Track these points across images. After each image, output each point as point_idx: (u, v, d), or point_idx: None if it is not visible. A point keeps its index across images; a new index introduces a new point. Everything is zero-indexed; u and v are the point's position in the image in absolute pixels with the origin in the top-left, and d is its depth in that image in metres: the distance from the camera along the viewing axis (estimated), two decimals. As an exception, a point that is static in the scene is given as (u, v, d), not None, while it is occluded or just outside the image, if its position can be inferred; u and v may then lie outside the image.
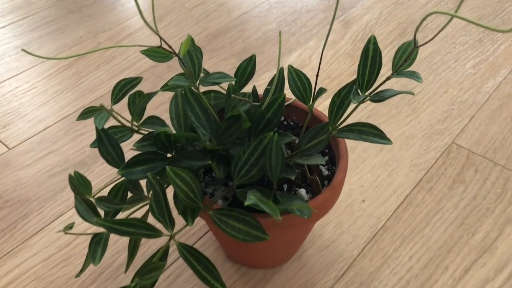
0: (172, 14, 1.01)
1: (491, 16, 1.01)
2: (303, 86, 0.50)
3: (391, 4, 1.04)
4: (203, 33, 0.95)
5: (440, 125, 0.77)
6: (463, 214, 0.65)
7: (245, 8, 1.03)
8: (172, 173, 0.43)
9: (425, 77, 0.86)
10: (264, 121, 0.49)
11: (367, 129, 0.47)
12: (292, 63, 0.89)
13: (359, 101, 0.43)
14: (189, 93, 0.48)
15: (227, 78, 0.45)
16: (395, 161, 0.71)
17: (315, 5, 1.04)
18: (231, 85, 0.51)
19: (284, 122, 0.59)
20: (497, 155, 0.72)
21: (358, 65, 0.46)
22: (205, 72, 0.56)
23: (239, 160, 0.46)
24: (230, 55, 0.91)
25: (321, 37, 0.95)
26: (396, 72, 0.44)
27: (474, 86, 0.84)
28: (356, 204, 0.66)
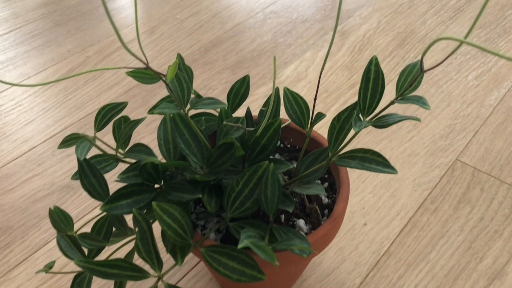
0: (164, 25, 0.98)
1: (492, 24, 0.98)
2: (300, 109, 0.47)
3: (389, 13, 1.01)
4: (196, 46, 0.92)
5: (443, 141, 0.74)
6: (470, 237, 0.61)
7: (239, 18, 1.00)
8: (159, 209, 0.39)
9: (426, 89, 0.83)
10: (259, 147, 0.46)
11: (370, 156, 0.43)
12: (288, 76, 0.86)
13: (361, 128, 0.40)
14: (178, 119, 0.45)
15: (218, 104, 0.42)
16: (398, 180, 0.68)
17: (311, 15, 1.01)
18: (223, 109, 0.47)
19: (280, 144, 0.56)
20: (503, 172, 0.69)
21: (359, 88, 0.42)
22: (195, 93, 0.53)
23: (232, 191, 0.43)
24: (224, 68, 0.87)
25: (317, 48, 0.92)
26: (401, 97, 0.40)
27: (477, 99, 0.81)
28: (357, 228, 0.63)
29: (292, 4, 1.05)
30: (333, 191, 0.50)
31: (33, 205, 0.66)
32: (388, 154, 0.72)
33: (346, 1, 1.05)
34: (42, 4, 1.05)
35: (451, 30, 0.97)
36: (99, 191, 0.44)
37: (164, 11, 1.02)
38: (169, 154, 0.48)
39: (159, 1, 1.05)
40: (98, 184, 0.44)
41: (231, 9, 1.02)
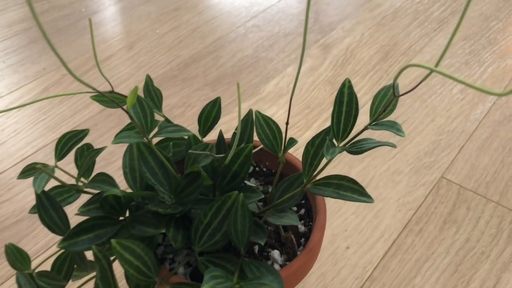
0: (143, 41, 0.96)
1: (476, 36, 0.97)
2: (272, 133, 0.44)
3: (373, 25, 1.00)
4: (175, 61, 0.90)
5: (428, 158, 0.72)
6: (456, 260, 0.59)
7: (220, 33, 0.98)
8: (119, 247, 0.37)
9: (410, 104, 0.81)
10: (230, 174, 0.44)
11: (346, 183, 0.41)
12: (269, 92, 0.84)
13: (334, 155, 0.38)
14: (142, 147, 0.42)
15: (182, 132, 0.39)
16: (381, 200, 0.66)
17: (293, 29, 0.99)
18: (191, 135, 0.45)
19: (256, 168, 0.53)
20: (489, 190, 0.67)
21: (332, 113, 0.40)
22: (164, 117, 0.50)
23: (200, 223, 0.40)
24: (204, 84, 0.85)
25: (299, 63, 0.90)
26: (375, 122, 0.38)
27: (463, 113, 0.79)
28: (340, 251, 0.60)
29: (274, 17, 1.03)
30: (310, 218, 0.48)
31: (0, 233, 0.63)
32: (371, 173, 0.70)
33: (329, 14, 1.04)
34: (18, 20, 1.02)
35: (435, 42, 0.95)
36: (60, 225, 0.41)
37: (144, 26, 1.00)
38: (135, 183, 0.45)
39: (138, 15, 1.03)
40: (58, 218, 0.41)
41: (212, 23, 1.00)
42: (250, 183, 0.51)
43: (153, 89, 0.51)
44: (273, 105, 0.81)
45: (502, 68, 0.88)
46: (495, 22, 1.01)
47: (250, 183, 0.51)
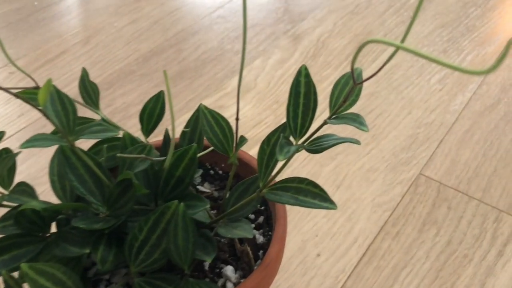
0: (100, 35, 0.89)
1: (455, 23, 0.92)
2: (222, 132, 0.38)
3: (346, 14, 0.94)
4: (134, 56, 0.83)
5: (405, 154, 0.66)
6: (436, 265, 0.54)
7: (182, 25, 0.91)
8: (32, 272, 0.30)
9: (385, 96, 0.76)
10: (173, 180, 0.38)
11: (305, 186, 0.35)
12: (235, 87, 0.78)
13: (288, 155, 0.32)
14: (68, 151, 0.36)
15: (109, 132, 0.33)
16: (355, 201, 0.60)
17: (261, 19, 0.93)
18: (126, 134, 0.39)
19: (210, 171, 0.47)
20: (471, 186, 0.62)
21: (287, 105, 0.34)
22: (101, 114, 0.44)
23: (134, 240, 0.34)
24: (164, 79, 0.78)
25: (267, 55, 0.84)
26: (335, 115, 0.32)
27: (441, 104, 0.74)
28: (310, 260, 0.54)
29: (241, 7, 0.97)
30: (270, 227, 0.42)
31: None
32: (344, 171, 0.64)
33: (300, 3, 0.98)
34: (-36, 15, 0.95)
35: (412, 30, 0.90)
36: (-31, 246, 0.35)
37: (101, 19, 0.93)
38: (65, 193, 0.39)
39: (95, 8, 0.96)
40: (-33, 237, 0.35)
41: (174, 14, 0.94)
42: (204, 188, 0.45)
43: (89, 84, 0.45)
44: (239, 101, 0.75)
45: (482, 56, 0.84)
46: (473, 8, 0.96)
47: (204, 188, 0.45)
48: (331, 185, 0.62)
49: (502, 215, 0.59)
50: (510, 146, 0.67)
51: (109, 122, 0.44)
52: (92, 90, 0.45)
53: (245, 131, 0.70)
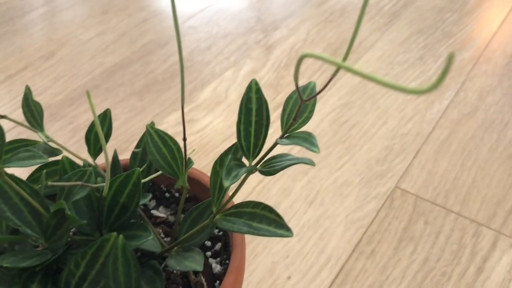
0: (64, 48, 0.85)
1: (431, 29, 0.90)
2: (170, 153, 0.35)
3: (319, 22, 0.92)
4: (98, 70, 0.80)
5: (380, 166, 0.64)
6: (413, 284, 0.51)
7: (150, 36, 0.88)
8: None
9: (360, 106, 0.73)
10: (118, 208, 0.34)
11: (260, 211, 0.32)
12: (205, 99, 0.74)
13: (236, 179, 0.29)
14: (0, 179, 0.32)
15: (38, 159, 0.30)
16: (328, 218, 0.57)
17: (233, 29, 0.90)
18: (65, 159, 0.35)
19: (165, 194, 0.44)
20: (449, 199, 0.59)
21: (237, 124, 0.31)
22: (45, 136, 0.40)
23: (71, 276, 0.31)
24: (130, 94, 0.75)
25: (239, 66, 0.81)
26: (287, 134, 0.29)
27: (418, 113, 0.72)
28: (280, 283, 0.51)
29: (213, 17, 0.94)
30: (228, 255, 0.39)
31: None
32: (317, 186, 0.61)
33: (273, 12, 0.95)
34: None
35: (387, 37, 0.88)
36: None
37: (66, 32, 0.89)
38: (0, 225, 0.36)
39: (61, 21, 0.92)
40: None
41: (142, 26, 0.91)
42: (159, 212, 0.42)
43: (33, 103, 0.41)
44: (208, 114, 0.72)
45: (459, 62, 0.82)
46: (449, 14, 0.94)
47: (159, 212, 0.42)
48: (303, 202, 0.59)
49: (481, 229, 0.56)
50: (489, 156, 0.65)
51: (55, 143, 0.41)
52: (36, 109, 0.42)
53: (214, 145, 0.67)
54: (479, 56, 0.83)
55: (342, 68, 0.17)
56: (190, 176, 0.42)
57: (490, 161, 0.64)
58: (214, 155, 0.65)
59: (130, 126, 0.69)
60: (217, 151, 0.66)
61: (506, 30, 0.89)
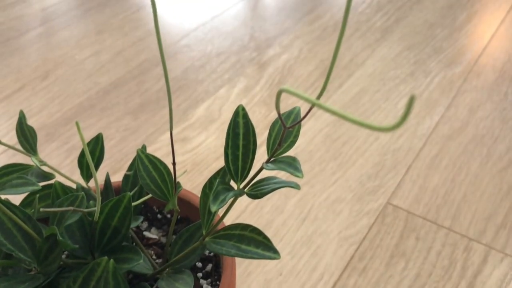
0: (60, 68, 0.86)
1: (421, 44, 0.91)
2: (161, 177, 0.36)
3: (312, 39, 0.93)
4: (94, 89, 0.81)
5: (372, 182, 0.64)
6: (406, 301, 0.51)
7: (145, 55, 0.89)
8: None
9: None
10: (109, 231, 0.35)
11: (249, 234, 0.33)
12: (199, 117, 0.75)
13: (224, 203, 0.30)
14: (-9, 205, 0.33)
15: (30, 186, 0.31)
16: (321, 235, 0.58)
17: (227, 47, 0.91)
18: (57, 184, 0.36)
19: (157, 215, 0.44)
20: (440, 214, 0.60)
21: (225, 148, 0.32)
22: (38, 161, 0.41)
23: (63, 301, 0.31)
24: (125, 113, 0.76)
25: (232, 84, 0.82)
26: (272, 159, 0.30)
27: (409, 129, 0.73)
28: (272, 300, 0.52)
29: (207, 36, 0.95)
30: (219, 276, 0.39)
31: None
32: (310, 203, 0.62)
33: (266, 29, 0.97)
34: None
35: (378, 54, 0.89)
36: None
37: (62, 52, 0.91)
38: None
39: (57, 41, 0.94)
40: None
41: (137, 45, 0.92)
42: (151, 233, 0.43)
43: (26, 128, 0.42)
44: (202, 132, 0.73)
45: (449, 77, 0.83)
46: (440, 29, 0.96)
47: (151, 233, 0.43)
48: (296, 218, 0.60)
49: (472, 244, 0.57)
50: (479, 170, 0.66)
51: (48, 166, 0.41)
52: (30, 134, 0.43)
53: (207, 164, 0.68)
54: (469, 71, 0.84)
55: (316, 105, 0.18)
56: (181, 198, 0.43)
57: (481, 176, 0.65)
58: (207, 173, 0.66)
59: (125, 145, 0.70)
60: (211, 169, 0.66)
61: (496, 45, 0.90)
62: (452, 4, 1.04)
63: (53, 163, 0.68)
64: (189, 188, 0.64)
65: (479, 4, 1.03)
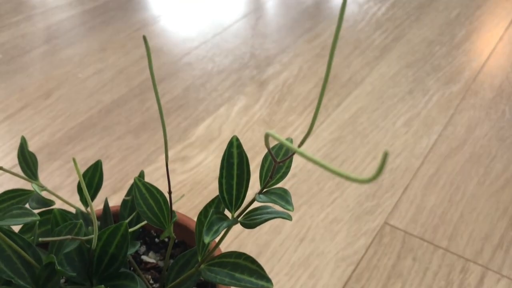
0: (63, 87, 0.88)
1: (420, 62, 0.92)
2: (157, 204, 0.37)
3: (311, 57, 0.94)
4: (96, 108, 0.82)
5: (370, 202, 0.65)
6: (402, 322, 0.52)
7: (147, 73, 0.91)
8: None
9: (350, 141, 0.75)
10: (107, 258, 0.36)
11: (243, 262, 0.34)
12: (199, 136, 0.76)
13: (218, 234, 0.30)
14: (-8, 232, 0.34)
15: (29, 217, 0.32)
16: (318, 256, 0.59)
17: (227, 65, 0.93)
18: (56, 211, 0.37)
19: (155, 239, 0.45)
20: (437, 235, 0.60)
21: (219, 178, 0.33)
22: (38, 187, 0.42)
23: (60, 329, 0.32)
24: (126, 132, 0.77)
25: (233, 102, 0.83)
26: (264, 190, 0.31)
27: (407, 148, 0.73)
28: (270, 322, 0.52)
29: (208, 54, 0.96)
30: (215, 300, 0.40)
31: None
32: (307, 223, 0.62)
33: (266, 47, 0.98)
34: None
35: (377, 72, 0.90)
36: None
37: (65, 70, 0.92)
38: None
39: (60, 59, 0.95)
40: None
41: (139, 63, 0.93)
42: (149, 257, 0.44)
43: (28, 154, 0.43)
44: (201, 151, 0.74)
45: (447, 96, 0.84)
46: (438, 47, 0.97)
47: (149, 257, 0.44)
48: (294, 239, 0.60)
49: (469, 265, 0.57)
50: (476, 190, 0.66)
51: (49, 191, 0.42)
52: (31, 160, 0.44)
53: (207, 183, 0.68)
54: (467, 89, 0.85)
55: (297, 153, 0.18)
56: (178, 222, 0.44)
57: (478, 196, 0.65)
58: (207, 193, 0.67)
59: (126, 165, 0.71)
60: (210, 189, 0.67)
61: (493, 63, 0.91)
62: (451, 22, 1.05)
63: (55, 182, 0.68)
64: (188, 207, 0.65)
65: (477, 21, 1.04)
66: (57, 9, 1.15)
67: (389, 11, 1.10)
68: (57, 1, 1.19)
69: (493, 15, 1.07)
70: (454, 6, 1.10)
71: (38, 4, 1.18)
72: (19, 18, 1.11)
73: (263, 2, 1.17)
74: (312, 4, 1.14)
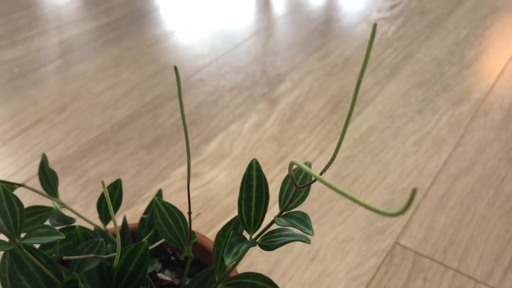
0: (76, 101, 0.89)
1: (430, 81, 0.93)
2: (176, 224, 0.37)
3: (322, 75, 0.95)
4: (109, 123, 0.83)
5: (380, 222, 0.65)
6: None
7: (160, 89, 0.92)
8: None
9: (361, 160, 0.75)
10: (126, 276, 0.37)
11: (260, 283, 0.34)
12: (211, 153, 0.77)
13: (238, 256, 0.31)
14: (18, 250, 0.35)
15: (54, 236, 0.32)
16: (329, 275, 0.59)
17: (239, 82, 0.94)
18: (78, 229, 0.38)
19: (171, 257, 0.46)
20: (447, 255, 0.61)
21: (239, 199, 0.34)
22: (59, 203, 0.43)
23: None
24: (139, 147, 0.78)
25: (244, 119, 0.84)
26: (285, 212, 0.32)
27: (417, 167, 0.74)
28: None
29: (220, 70, 0.98)
30: (231, 319, 0.41)
31: None
32: (318, 242, 0.63)
33: (277, 65, 0.99)
34: None
35: (387, 90, 0.91)
36: None
37: (79, 85, 0.93)
38: (15, 291, 0.38)
39: (74, 74, 0.97)
40: None
41: (152, 79, 0.95)
42: (165, 275, 0.44)
43: (48, 171, 0.44)
44: (214, 168, 0.74)
45: (457, 115, 0.84)
46: (448, 66, 0.97)
47: (165, 275, 0.44)
48: (305, 258, 0.61)
49: (480, 286, 0.57)
50: (486, 211, 0.67)
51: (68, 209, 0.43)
52: (51, 177, 0.45)
53: (218, 200, 0.69)
54: (477, 109, 0.85)
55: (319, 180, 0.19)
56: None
57: (488, 217, 0.66)
58: (219, 209, 0.67)
59: (139, 180, 0.72)
60: (222, 206, 0.68)
61: (503, 83, 0.92)
62: (460, 42, 1.06)
63: (69, 196, 0.69)
64: (200, 224, 0.65)
65: (487, 41, 1.05)
66: (71, 24, 1.17)
67: (399, 30, 1.11)
68: (71, 17, 1.21)
69: (502, 35, 1.08)
70: (464, 26, 1.11)
71: (53, 19, 1.20)
72: (34, 33, 1.13)
73: (274, 20, 1.18)
74: (323, 23, 1.16)
